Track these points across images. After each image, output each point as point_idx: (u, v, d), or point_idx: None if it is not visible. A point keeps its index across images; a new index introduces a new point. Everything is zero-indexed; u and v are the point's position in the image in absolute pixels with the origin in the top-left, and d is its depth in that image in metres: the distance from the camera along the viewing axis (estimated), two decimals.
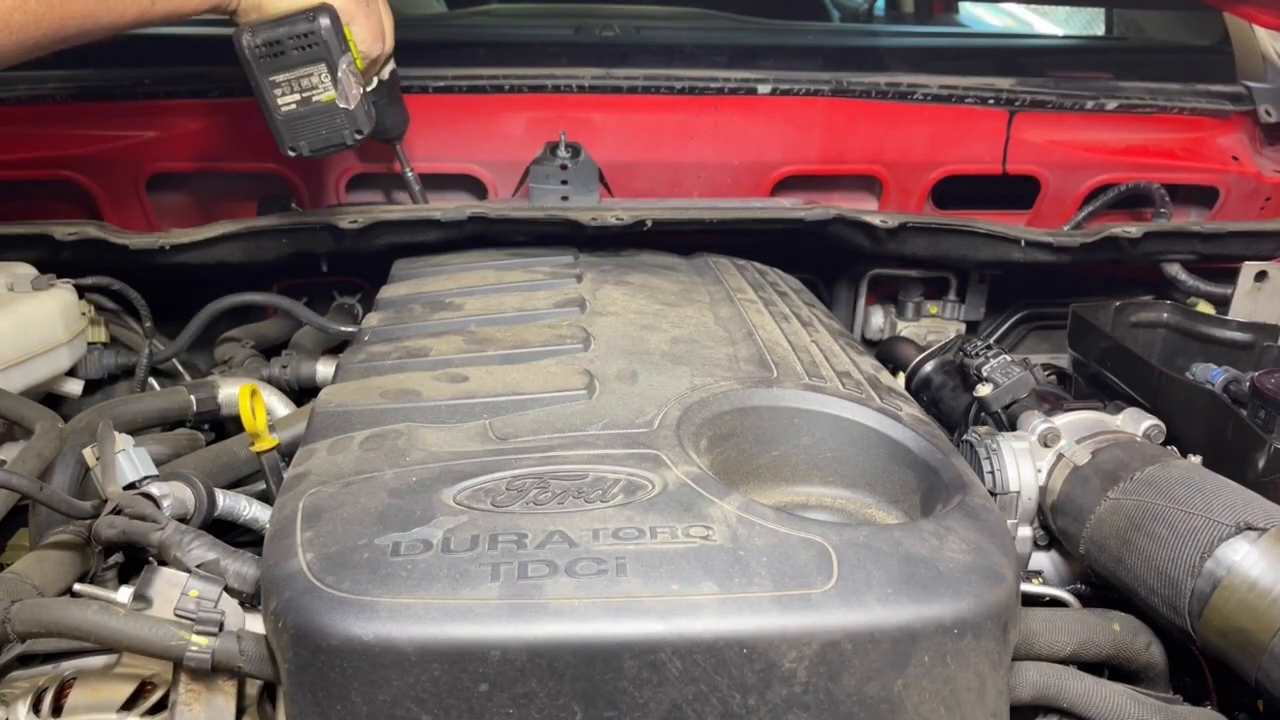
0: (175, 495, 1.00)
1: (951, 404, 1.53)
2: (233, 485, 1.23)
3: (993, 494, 1.18)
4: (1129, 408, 1.24)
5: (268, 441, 1.11)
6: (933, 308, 1.83)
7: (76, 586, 0.93)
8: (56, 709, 0.91)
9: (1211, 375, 1.32)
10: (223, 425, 1.51)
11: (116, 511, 0.96)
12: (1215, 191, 1.92)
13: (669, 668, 0.73)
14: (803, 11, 2.80)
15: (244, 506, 1.08)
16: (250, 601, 0.91)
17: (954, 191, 1.87)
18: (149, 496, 0.98)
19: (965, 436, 1.25)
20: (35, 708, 0.91)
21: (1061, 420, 1.22)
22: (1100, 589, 1.19)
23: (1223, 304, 1.63)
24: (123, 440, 1.05)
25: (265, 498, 1.13)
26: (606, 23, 2.11)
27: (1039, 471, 1.20)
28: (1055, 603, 1.15)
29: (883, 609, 0.75)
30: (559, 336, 1.18)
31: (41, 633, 0.86)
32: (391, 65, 1.49)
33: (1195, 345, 1.52)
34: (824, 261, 1.85)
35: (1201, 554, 0.95)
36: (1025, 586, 1.12)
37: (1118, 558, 1.05)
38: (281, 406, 1.47)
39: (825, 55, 2.00)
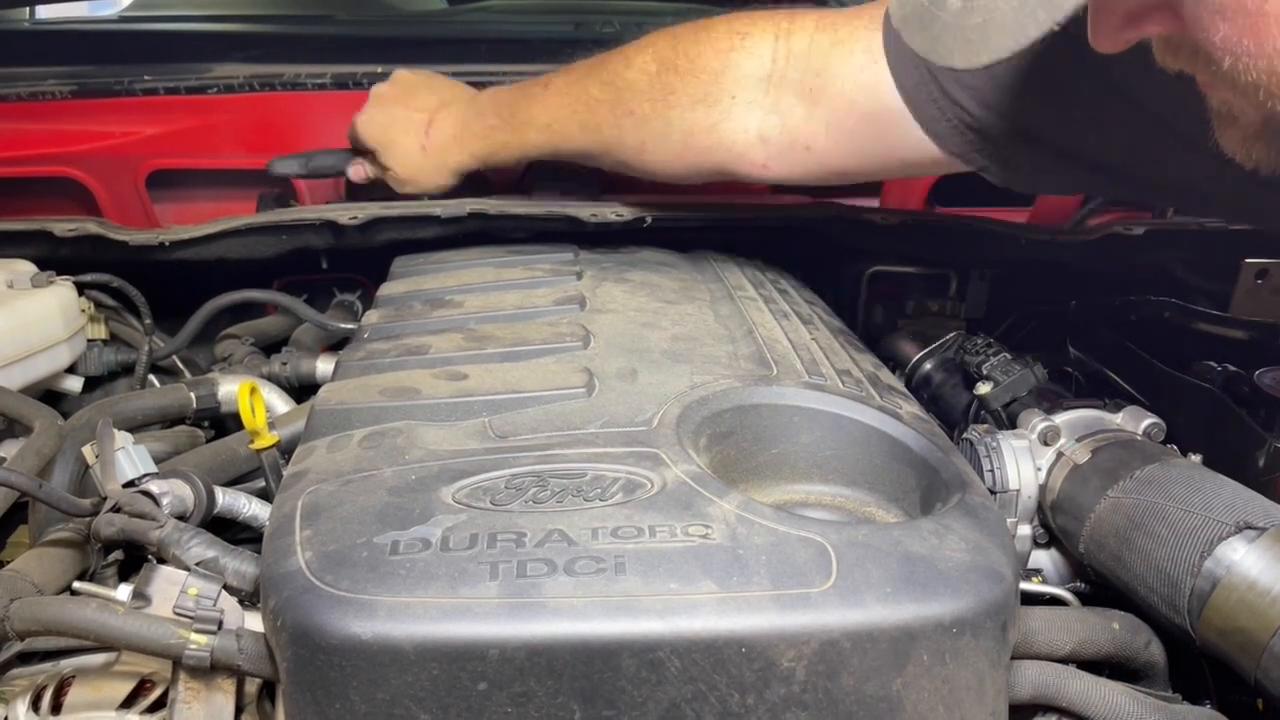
0: (174, 493, 1.00)
1: (951, 402, 1.53)
2: (232, 482, 1.23)
3: (992, 492, 1.18)
4: (1129, 406, 1.24)
5: (267, 439, 1.11)
6: (933, 305, 1.83)
7: (76, 584, 0.93)
8: (56, 707, 0.91)
9: (1212, 374, 1.32)
10: (222, 422, 1.51)
11: (116, 509, 0.96)
12: None
13: (667, 666, 0.73)
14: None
15: (243, 504, 1.08)
16: (249, 599, 0.90)
17: (954, 189, 1.87)
18: (148, 494, 0.98)
19: (965, 435, 1.25)
20: (34, 705, 0.92)
21: (1061, 418, 1.22)
22: (1100, 587, 1.19)
23: (1223, 302, 1.63)
24: (122, 438, 1.05)
25: (265, 495, 1.13)
26: (607, 19, 2.12)
27: (1039, 470, 1.20)
28: (1055, 601, 1.15)
29: (882, 608, 0.75)
30: (558, 334, 1.18)
31: (41, 631, 0.86)
32: None
33: (1195, 343, 1.51)
34: (824, 258, 1.85)
35: (1201, 553, 0.94)
36: (1024, 585, 1.12)
37: (1117, 556, 1.05)
38: (281, 404, 1.47)
39: None
